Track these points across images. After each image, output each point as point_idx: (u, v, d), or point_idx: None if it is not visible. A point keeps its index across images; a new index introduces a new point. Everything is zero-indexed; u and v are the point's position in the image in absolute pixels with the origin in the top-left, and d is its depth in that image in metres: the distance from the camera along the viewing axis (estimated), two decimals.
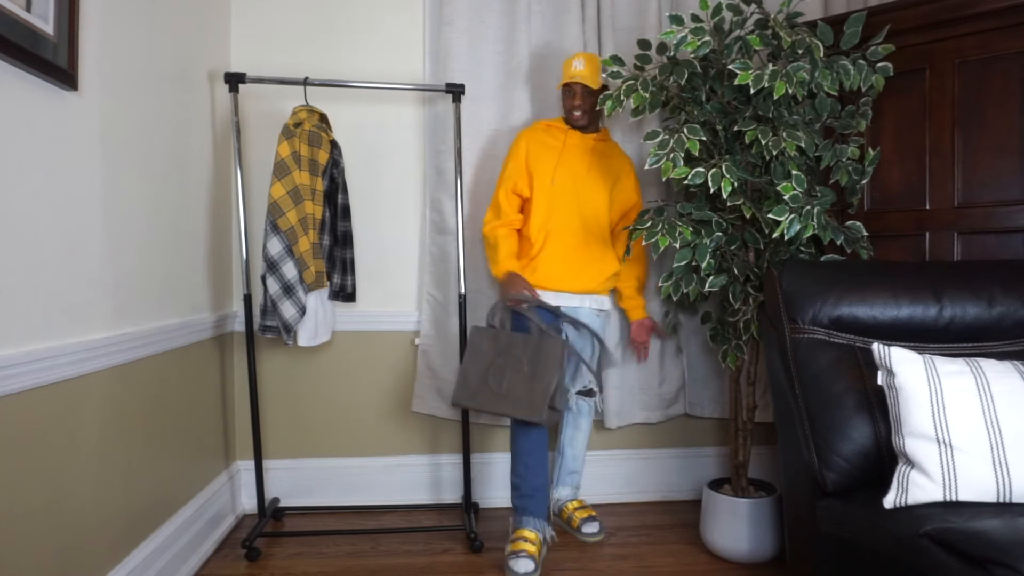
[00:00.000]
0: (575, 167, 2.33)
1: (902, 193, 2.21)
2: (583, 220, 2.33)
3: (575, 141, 2.36)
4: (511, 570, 2.05)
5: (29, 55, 1.32)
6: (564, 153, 2.34)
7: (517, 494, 2.20)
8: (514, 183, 2.35)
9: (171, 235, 2.04)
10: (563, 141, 2.36)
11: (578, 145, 2.36)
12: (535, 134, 2.37)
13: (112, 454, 1.68)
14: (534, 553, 2.10)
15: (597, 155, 2.38)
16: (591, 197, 2.33)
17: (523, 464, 2.18)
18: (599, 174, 2.36)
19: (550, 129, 2.39)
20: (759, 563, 2.20)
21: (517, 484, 2.20)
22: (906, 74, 2.18)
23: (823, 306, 1.78)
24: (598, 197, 2.34)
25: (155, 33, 1.95)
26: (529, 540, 2.13)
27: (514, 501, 2.21)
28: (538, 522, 2.18)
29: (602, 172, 2.37)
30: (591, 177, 2.34)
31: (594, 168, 2.35)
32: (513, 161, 2.35)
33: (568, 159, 2.34)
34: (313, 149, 2.27)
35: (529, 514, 2.17)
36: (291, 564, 2.18)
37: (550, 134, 2.38)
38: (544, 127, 2.40)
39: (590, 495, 2.73)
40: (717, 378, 2.70)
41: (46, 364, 1.39)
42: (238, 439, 2.62)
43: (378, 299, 2.67)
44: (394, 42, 2.64)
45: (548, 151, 2.34)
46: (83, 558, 1.55)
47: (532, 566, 2.06)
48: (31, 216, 1.37)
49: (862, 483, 1.60)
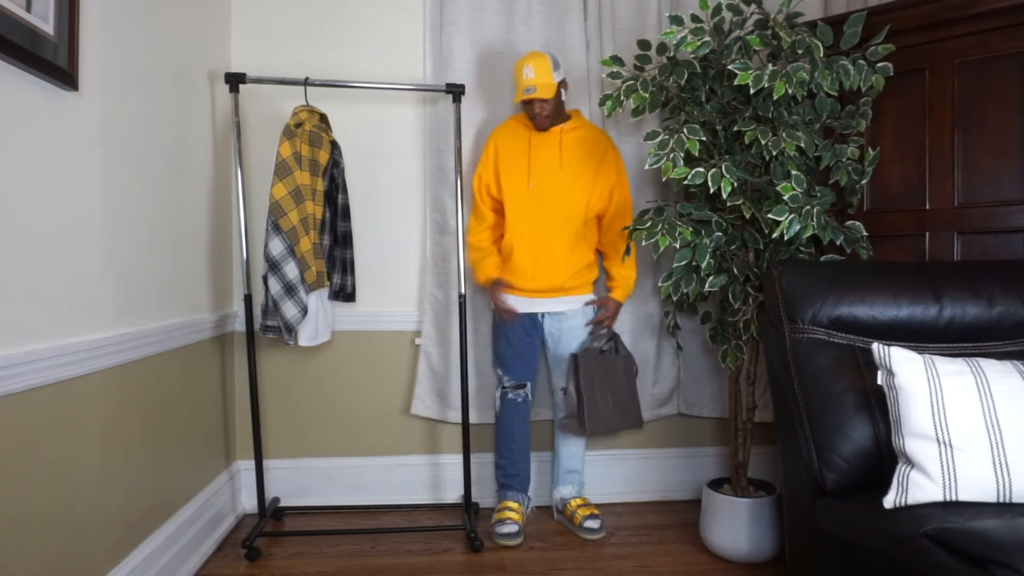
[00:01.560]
0: (546, 166, 2.33)
1: (902, 193, 2.21)
2: (557, 220, 2.32)
3: (541, 139, 2.35)
4: (498, 533, 2.31)
5: (29, 55, 1.32)
6: (532, 153, 2.33)
7: (501, 472, 2.47)
8: (486, 185, 2.39)
9: (172, 235, 2.04)
10: (528, 140, 2.35)
11: (545, 142, 2.34)
12: (504, 133, 2.38)
13: (112, 454, 1.68)
14: (518, 520, 2.37)
15: (568, 148, 2.34)
16: (565, 195, 2.32)
17: (507, 448, 2.44)
18: (574, 167, 2.33)
19: (516, 128, 2.38)
20: (759, 563, 2.20)
21: (502, 465, 2.47)
22: (906, 74, 2.18)
23: (823, 306, 1.78)
24: (574, 192, 2.32)
25: (155, 33, 1.95)
26: (512, 509, 2.40)
27: (498, 479, 2.49)
28: (520, 495, 2.45)
29: (578, 163, 2.33)
30: (564, 174, 2.32)
31: (567, 163, 2.33)
32: (482, 162, 2.40)
33: (538, 159, 2.33)
34: (314, 149, 2.27)
35: (512, 489, 2.45)
36: (291, 564, 2.18)
37: (517, 133, 2.37)
38: (513, 124, 2.40)
39: (590, 495, 2.73)
40: (717, 378, 2.71)
41: (47, 364, 1.39)
42: (238, 439, 2.62)
43: (378, 299, 2.67)
44: (394, 42, 2.64)
45: (517, 153, 2.35)
46: (84, 558, 1.55)
47: (516, 528, 2.32)
48: (32, 216, 1.37)
49: (862, 483, 1.60)
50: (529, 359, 2.43)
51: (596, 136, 2.40)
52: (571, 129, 2.36)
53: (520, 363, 2.41)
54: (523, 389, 2.42)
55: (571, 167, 2.33)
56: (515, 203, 2.34)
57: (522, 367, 2.42)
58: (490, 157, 2.38)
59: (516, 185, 2.34)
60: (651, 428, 2.77)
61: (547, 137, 2.34)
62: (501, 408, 2.44)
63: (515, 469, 2.44)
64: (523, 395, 2.42)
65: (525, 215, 2.33)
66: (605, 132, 2.46)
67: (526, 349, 2.42)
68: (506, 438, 2.43)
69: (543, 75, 2.22)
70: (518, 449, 2.43)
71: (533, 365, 2.45)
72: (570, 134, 2.36)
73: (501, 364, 2.44)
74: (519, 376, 2.41)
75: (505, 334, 2.41)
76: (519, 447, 2.43)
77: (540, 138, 2.34)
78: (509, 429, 2.42)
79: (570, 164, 2.33)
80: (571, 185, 2.32)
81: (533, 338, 2.43)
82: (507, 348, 2.41)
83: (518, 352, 2.41)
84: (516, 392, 2.42)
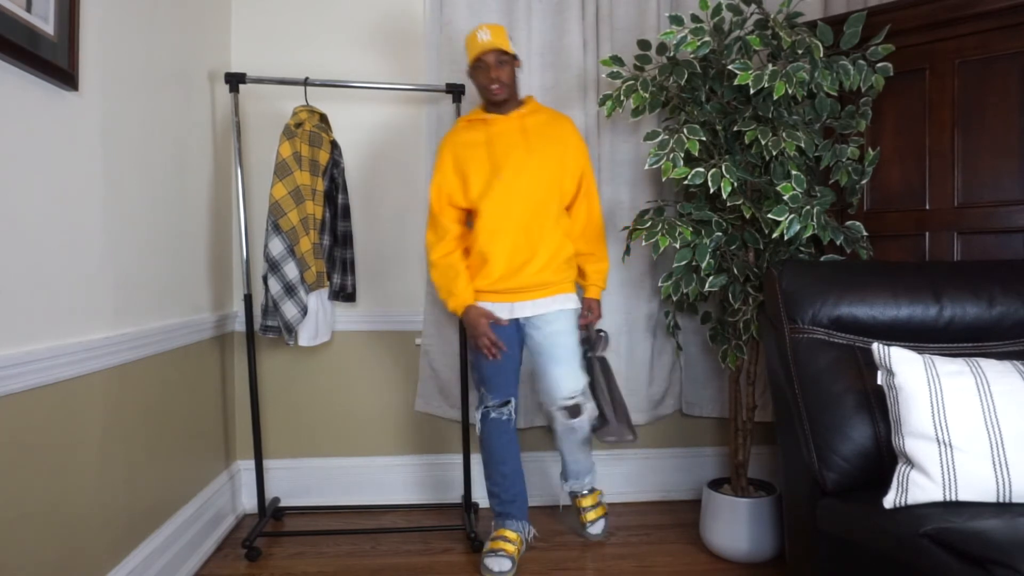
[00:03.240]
0: (512, 155, 2.12)
1: (902, 193, 2.21)
2: (531, 210, 2.12)
3: (500, 127, 2.14)
4: (487, 568, 2.08)
5: (29, 55, 1.32)
6: (494, 145, 2.13)
7: (497, 501, 2.22)
8: (448, 196, 2.17)
9: (172, 235, 2.04)
10: (487, 132, 2.15)
11: (505, 130, 2.14)
12: (457, 136, 2.19)
13: (112, 454, 1.68)
14: (512, 553, 2.13)
15: (532, 132, 2.15)
16: (538, 182, 2.13)
17: (499, 474, 2.19)
18: (543, 152, 2.14)
19: (471, 124, 2.19)
20: (759, 563, 2.20)
21: (496, 492, 2.22)
22: (906, 74, 2.17)
23: (823, 306, 1.78)
24: (546, 179, 2.14)
25: (155, 33, 1.95)
26: (509, 540, 2.16)
27: (494, 507, 2.24)
28: (520, 523, 2.21)
29: (546, 147, 2.15)
30: (534, 160, 2.12)
31: (535, 148, 2.13)
32: (438, 174, 2.18)
33: (501, 149, 2.12)
34: (314, 149, 2.27)
35: (511, 517, 2.20)
36: (291, 564, 2.18)
37: (472, 129, 2.17)
38: (465, 124, 2.20)
39: None
40: (716, 378, 2.70)
41: (47, 364, 1.39)
42: (238, 439, 2.62)
43: (378, 299, 2.67)
44: (394, 42, 2.64)
45: (476, 149, 2.14)
46: (83, 558, 1.55)
47: (508, 565, 2.09)
48: (32, 216, 1.37)
49: (862, 483, 1.60)
50: (513, 372, 2.21)
51: (558, 120, 2.22)
52: (530, 112, 2.18)
53: (503, 379, 2.18)
54: (507, 406, 2.18)
55: (539, 151, 2.13)
56: (486, 200, 2.12)
57: (505, 383, 2.18)
58: (447, 163, 2.17)
59: (483, 180, 2.12)
60: (651, 428, 2.77)
61: (507, 124, 2.15)
62: (485, 429, 2.19)
63: (511, 495, 2.19)
64: (507, 412, 2.18)
65: (498, 209, 2.11)
66: (567, 116, 2.28)
67: (509, 362, 2.18)
68: (496, 463, 2.18)
69: (499, 36, 2.07)
70: (511, 473, 2.19)
71: (516, 378, 2.23)
72: (531, 117, 2.17)
73: (483, 382, 2.20)
74: (503, 393, 2.18)
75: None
76: (511, 470, 2.19)
77: (500, 127, 2.14)
78: (498, 452, 2.18)
79: (538, 148, 2.13)
80: (541, 170, 2.13)
81: (514, 349, 2.19)
82: (488, 365, 2.17)
83: (500, 367, 2.16)
84: (500, 411, 2.18)
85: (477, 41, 2.07)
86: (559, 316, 2.18)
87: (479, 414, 2.22)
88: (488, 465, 2.22)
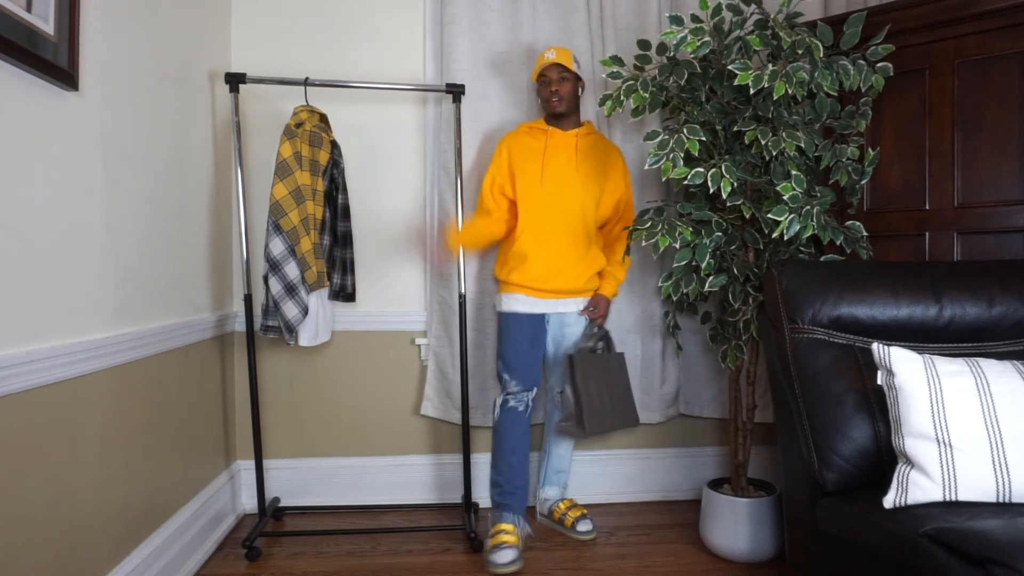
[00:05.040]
0: (562, 168, 2.31)
1: (902, 193, 2.21)
2: (571, 221, 2.30)
3: (557, 141, 2.33)
4: (493, 563, 2.12)
5: (29, 55, 1.32)
6: (548, 154, 2.31)
7: (498, 491, 2.30)
8: (500, 185, 2.35)
9: (172, 235, 2.04)
10: (545, 142, 2.33)
11: (561, 144, 2.32)
12: (517, 137, 2.36)
13: (112, 454, 1.68)
14: (515, 544, 2.18)
15: (583, 152, 2.33)
16: (579, 197, 2.30)
17: (506, 463, 2.29)
18: (588, 172, 2.32)
19: (532, 131, 2.37)
20: (759, 563, 2.20)
21: (499, 482, 2.30)
22: (906, 74, 2.18)
23: (823, 306, 1.78)
24: (586, 196, 2.31)
25: (155, 33, 1.95)
26: (509, 532, 2.21)
27: (494, 498, 2.31)
28: (516, 518, 2.28)
29: (591, 168, 2.33)
30: (579, 177, 2.31)
31: (582, 167, 2.32)
32: (495, 164, 2.36)
33: (553, 160, 2.31)
34: (314, 149, 2.27)
35: (510, 510, 2.27)
36: (291, 564, 2.18)
37: (532, 136, 2.35)
38: (526, 129, 2.38)
39: (589, 495, 2.73)
40: (716, 378, 2.71)
41: (47, 364, 1.39)
42: (238, 439, 2.62)
43: (378, 299, 2.67)
44: (395, 42, 2.64)
45: (531, 153, 2.32)
46: (83, 558, 1.55)
47: (514, 555, 2.14)
48: (32, 216, 1.37)
49: (862, 483, 1.61)
50: (536, 362, 2.35)
51: (608, 146, 2.41)
52: (585, 134, 2.37)
53: (527, 367, 2.33)
54: (528, 394, 2.31)
55: (585, 171, 2.32)
56: (529, 203, 2.30)
57: (529, 371, 2.33)
58: (503, 159, 2.35)
59: (530, 183, 2.30)
60: (651, 428, 2.77)
61: (564, 139, 2.33)
62: (500, 418, 2.31)
63: (513, 487, 2.28)
64: (525, 402, 2.31)
65: (539, 215, 2.29)
66: (615, 145, 2.46)
67: (534, 352, 2.34)
68: (505, 452, 2.29)
69: (563, 55, 2.27)
70: (518, 464, 2.29)
71: (539, 369, 2.37)
72: (585, 138, 2.36)
73: (508, 369, 2.33)
74: (527, 380, 2.31)
75: (512, 338, 2.33)
76: (519, 462, 2.29)
77: (557, 140, 2.32)
78: (509, 442, 2.29)
79: (584, 168, 2.32)
80: (584, 189, 2.31)
81: (540, 340, 2.36)
82: (514, 353, 2.32)
83: (525, 356, 2.32)
84: (519, 399, 2.30)
85: (544, 58, 2.29)
86: (580, 318, 2.41)
87: (499, 400, 2.34)
88: (496, 454, 2.32)
